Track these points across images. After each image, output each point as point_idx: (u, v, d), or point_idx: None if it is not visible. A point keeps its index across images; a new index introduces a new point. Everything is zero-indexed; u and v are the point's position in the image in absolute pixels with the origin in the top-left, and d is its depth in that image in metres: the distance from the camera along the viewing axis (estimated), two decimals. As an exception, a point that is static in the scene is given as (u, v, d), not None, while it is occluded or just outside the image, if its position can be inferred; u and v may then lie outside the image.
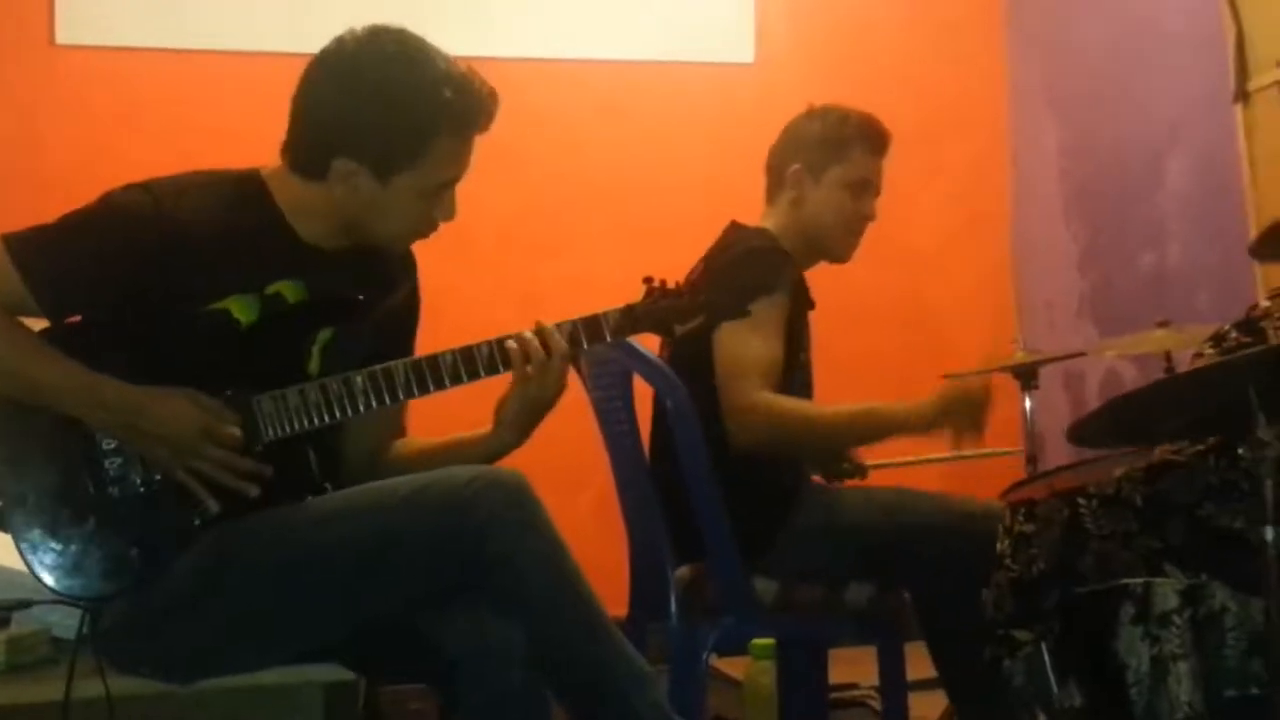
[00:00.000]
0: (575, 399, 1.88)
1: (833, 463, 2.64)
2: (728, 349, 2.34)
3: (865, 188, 2.57)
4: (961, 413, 2.36)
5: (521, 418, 1.85)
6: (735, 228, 2.55)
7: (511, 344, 1.79)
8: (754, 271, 2.29)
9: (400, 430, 2.00)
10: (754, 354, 2.34)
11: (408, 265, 1.98)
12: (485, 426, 1.90)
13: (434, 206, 1.84)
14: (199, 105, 3.81)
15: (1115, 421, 1.79)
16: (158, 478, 1.74)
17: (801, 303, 2.47)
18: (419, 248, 2.00)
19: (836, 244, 2.58)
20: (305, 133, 1.81)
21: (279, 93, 1.84)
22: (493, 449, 1.88)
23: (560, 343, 1.80)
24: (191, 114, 3.79)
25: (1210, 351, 1.95)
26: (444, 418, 1.98)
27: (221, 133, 3.18)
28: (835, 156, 2.55)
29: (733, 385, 2.33)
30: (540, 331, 1.81)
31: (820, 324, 2.60)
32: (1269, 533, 1.62)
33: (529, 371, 1.80)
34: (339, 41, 1.81)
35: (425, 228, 1.87)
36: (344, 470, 1.89)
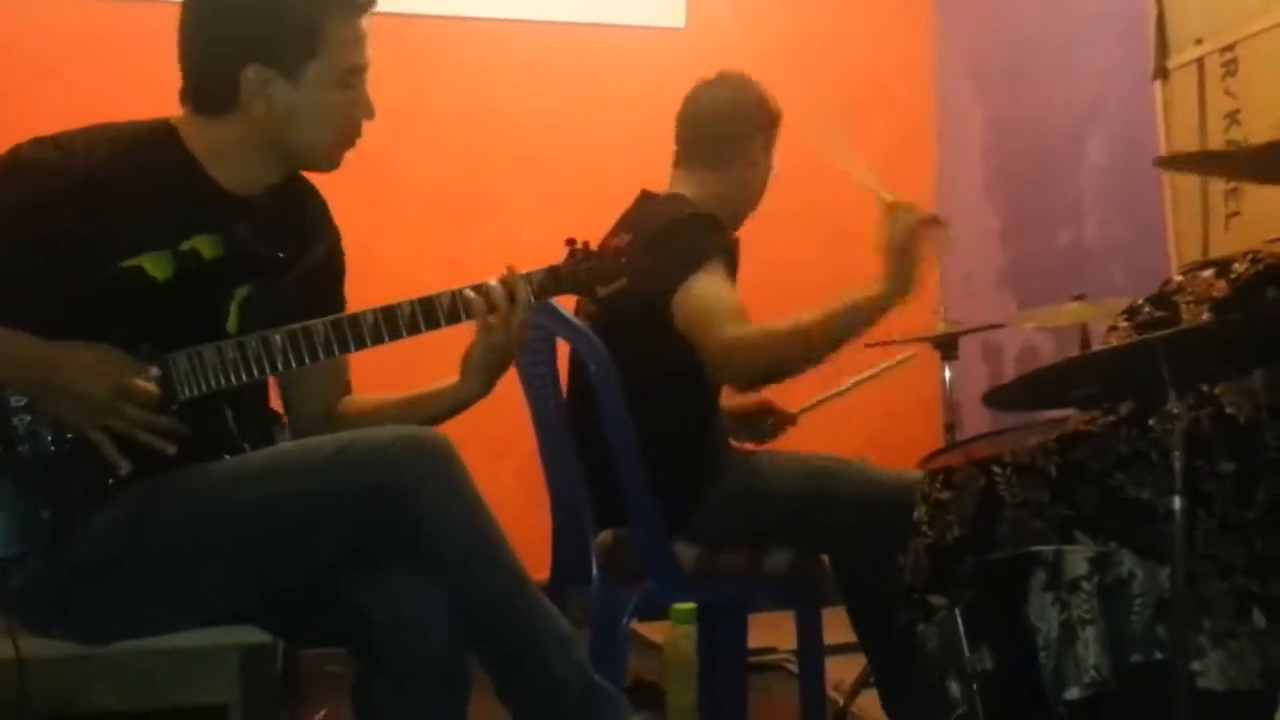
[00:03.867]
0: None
1: (758, 422, 2.65)
2: (693, 301, 2.29)
3: None
4: (905, 263, 2.27)
5: (487, 362, 1.84)
6: (651, 196, 2.53)
7: (469, 294, 1.79)
8: (693, 238, 2.28)
9: (345, 388, 1.98)
10: (719, 298, 2.30)
11: (325, 221, 1.96)
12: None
13: (352, 103, 1.82)
14: (123, 53, 3.73)
15: (1030, 389, 1.83)
16: (69, 436, 1.70)
17: (733, 269, 2.45)
18: (341, 210, 1.97)
19: (747, 215, 2.59)
20: (203, 59, 1.79)
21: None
22: (458, 398, 1.88)
23: (522, 290, 1.81)
24: (115, 62, 3.71)
25: (1124, 325, 1.98)
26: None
27: (146, 82, 3.11)
28: (773, 128, 2.57)
29: (709, 331, 2.27)
30: (503, 282, 1.81)
31: (743, 294, 2.61)
32: (1176, 502, 1.65)
33: (493, 322, 1.80)
34: None
35: (350, 128, 1.84)
36: (295, 429, 1.88)
